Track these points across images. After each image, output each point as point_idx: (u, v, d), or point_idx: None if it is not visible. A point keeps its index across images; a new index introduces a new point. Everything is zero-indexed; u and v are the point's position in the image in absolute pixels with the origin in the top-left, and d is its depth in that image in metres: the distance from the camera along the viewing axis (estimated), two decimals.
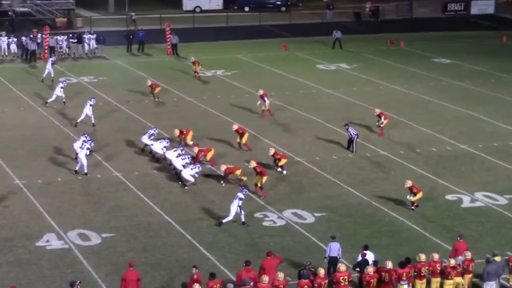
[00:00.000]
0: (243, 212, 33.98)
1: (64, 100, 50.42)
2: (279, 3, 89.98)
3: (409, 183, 35.98)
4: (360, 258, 28.64)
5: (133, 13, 79.76)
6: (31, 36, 64.06)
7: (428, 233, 33.61)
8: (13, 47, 64.29)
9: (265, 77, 59.98)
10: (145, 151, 42.29)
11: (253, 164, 37.97)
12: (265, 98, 49.00)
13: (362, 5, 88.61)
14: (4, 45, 64.18)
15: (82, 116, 46.62)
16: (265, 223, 34.53)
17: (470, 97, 54.40)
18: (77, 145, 39.66)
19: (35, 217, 34.83)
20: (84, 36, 66.81)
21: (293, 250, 31.74)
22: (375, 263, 28.35)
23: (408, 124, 48.32)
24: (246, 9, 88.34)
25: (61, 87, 50.24)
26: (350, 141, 43.45)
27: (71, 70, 61.13)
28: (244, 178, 38.04)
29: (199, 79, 57.70)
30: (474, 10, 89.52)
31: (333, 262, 28.75)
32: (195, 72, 58.42)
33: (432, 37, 75.75)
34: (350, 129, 43.56)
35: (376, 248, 29.63)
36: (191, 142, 42.73)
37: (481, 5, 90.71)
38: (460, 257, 28.85)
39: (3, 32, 65.88)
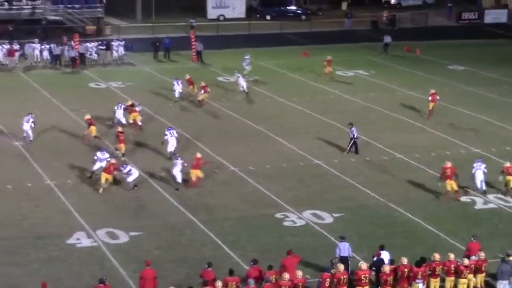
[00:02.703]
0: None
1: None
2: (299, 12, 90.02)
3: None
4: (374, 258, 28.63)
5: (193, 20, 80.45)
6: (69, 43, 64.53)
7: (443, 233, 33.51)
8: (45, 53, 64.59)
9: (286, 83, 60.00)
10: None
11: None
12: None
13: (380, 13, 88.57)
14: (37, 52, 64.50)
15: (122, 121, 46.87)
16: (285, 223, 34.53)
17: (483, 103, 54.16)
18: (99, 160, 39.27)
19: (65, 216, 34.98)
20: (113, 43, 67.01)
21: (312, 249, 31.71)
22: (391, 262, 28.32)
23: (424, 128, 48.18)
24: (268, 17, 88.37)
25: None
26: (353, 142, 43.37)
27: (100, 76, 61.34)
28: None
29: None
30: (488, 19, 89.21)
31: (344, 262, 28.72)
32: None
33: (447, 45, 75.52)
34: (353, 129, 43.52)
35: (392, 248, 29.56)
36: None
37: (495, 14, 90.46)
38: (473, 257, 28.74)
39: (36, 40, 66.21)
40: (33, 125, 44.61)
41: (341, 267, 27.33)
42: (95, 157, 38.90)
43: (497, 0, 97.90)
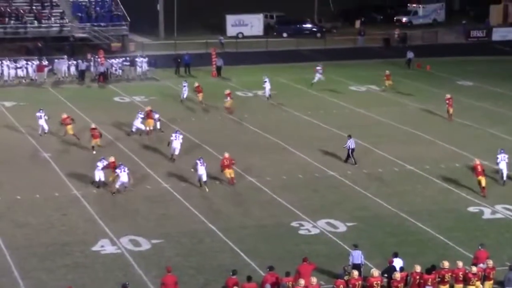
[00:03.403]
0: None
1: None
2: (315, 29, 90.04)
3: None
4: (387, 265, 28.56)
5: (222, 38, 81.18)
6: (95, 58, 64.93)
7: (452, 242, 33.36)
8: (73, 69, 64.97)
9: (302, 97, 59.99)
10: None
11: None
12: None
13: (391, 31, 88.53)
14: (65, 68, 64.85)
15: (137, 128, 48.06)
16: (301, 232, 34.47)
17: (491, 117, 53.94)
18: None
19: (90, 224, 35.05)
20: (137, 59, 67.31)
21: (326, 257, 31.63)
22: (402, 269, 28.23)
23: (434, 141, 48.03)
24: (285, 35, 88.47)
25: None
26: (351, 152, 43.51)
27: (125, 90, 61.56)
28: None
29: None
30: (496, 37, 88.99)
31: (357, 269, 28.62)
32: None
33: (456, 61, 75.38)
34: (350, 141, 43.57)
35: (403, 256, 29.41)
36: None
37: (502, 32, 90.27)
38: (481, 265, 28.61)
39: (65, 56, 66.58)
40: (46, 117, 47.64)
41: (355, 273, 27.30)
42: (97, 167, 39.36)
43: (505, 19, 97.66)
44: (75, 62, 65.23)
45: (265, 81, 58.57)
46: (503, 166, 40.54)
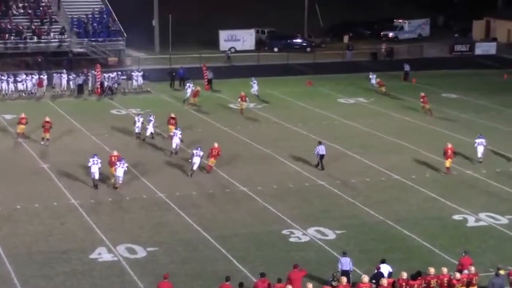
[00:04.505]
0: None
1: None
2: (304, 44, 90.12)
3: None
4: (375, 271, 28.50)
5: (229, 51, 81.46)
6: (92, 73, 64.91)
7: (437, 249, 33.35)
8: (72, 83, 64.84)
9: (292, 110, 60.00)
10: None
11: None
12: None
13: (378, 46, 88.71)
14: (64, 82, 64.75)
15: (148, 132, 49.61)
16: (291, 239, 34.41)
17: (474, 128, 53.98)
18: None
19: (88, 232, 34.94)
20: (133, 73, 67.26)
21: (316, 264, 31.58)
22: (390, 274, 28.21)
23: (419, 151, 48.06)
24: (276, 49, 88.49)
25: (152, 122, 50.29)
26: (320, 159, 43.84)
27: (121, 103, 61.48)
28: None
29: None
30: (478, 51, 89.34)
31: (345, 275, 28.53)
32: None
33: (440, 75, 75.54)
34: (320, 147, 43.78)
35: (390, 262, 29.37)
36: None
37: (485, 47, 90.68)
38: (465, 271, 28.58)
39: (63, 70, 66.52)
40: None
41: (344, 279, 27.23)
42: (88, 164, 40.25)
43: (487, 34, 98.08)
44: (73, 76, 65.12)
45: (254, 82, 62.15)
46: (480, 149, 45.31)
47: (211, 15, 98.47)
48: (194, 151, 42.89)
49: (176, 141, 46.13)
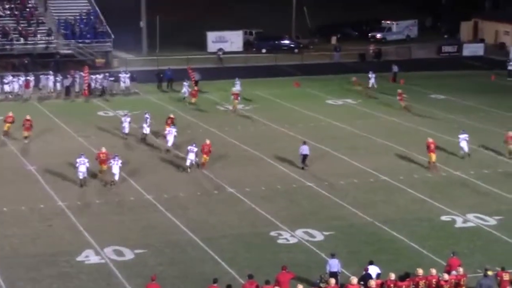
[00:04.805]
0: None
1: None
2: (292, 45, 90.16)
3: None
4: (363, 272, 28.50)
5: (220, 52, 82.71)
6: (79, 74, 64.72)
7: (425, 250, 33.38)
8: (58, 85, 64.64)
9: (280, 111, 59.98)
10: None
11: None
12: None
13: (366, 47, 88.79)
14: (51, 83, 64.53)
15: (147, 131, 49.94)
16: (279, 241, 34.38)
17: (462, 129, 53.99)
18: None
19: (75, 235, 34.82)
20: (120, 75, 67.09)
21: (304, 265, 31.55)
22: (378, 275, 28.22)
23: (406, 152, 48.10)
24: (264, 51, 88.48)
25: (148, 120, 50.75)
26: (303, 158, 44.04)
27: (109, 105, 61.33)
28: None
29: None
30: (466, 52, 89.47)
31: (334, 277, 28.50)
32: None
33: (428, 76, 75.67)
34: (303, 147, 44.01)
35: (378, 264, 29.38)
36: None
37: (472, 48, 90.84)
38: (453, 272, 28.61)
39: (50, 72, 66.29)
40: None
41: (332, 281, 27.20)
42: (76, 165, 40.58)
43: (474, 35, 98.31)
44: (60, 77, 64.90)
45: (236, 83, 64.23)
46: (463, 144, 46.45)
47: (199, 17, 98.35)
48: (189, 147, 43.56)
49: (171, 139, 47.01)
